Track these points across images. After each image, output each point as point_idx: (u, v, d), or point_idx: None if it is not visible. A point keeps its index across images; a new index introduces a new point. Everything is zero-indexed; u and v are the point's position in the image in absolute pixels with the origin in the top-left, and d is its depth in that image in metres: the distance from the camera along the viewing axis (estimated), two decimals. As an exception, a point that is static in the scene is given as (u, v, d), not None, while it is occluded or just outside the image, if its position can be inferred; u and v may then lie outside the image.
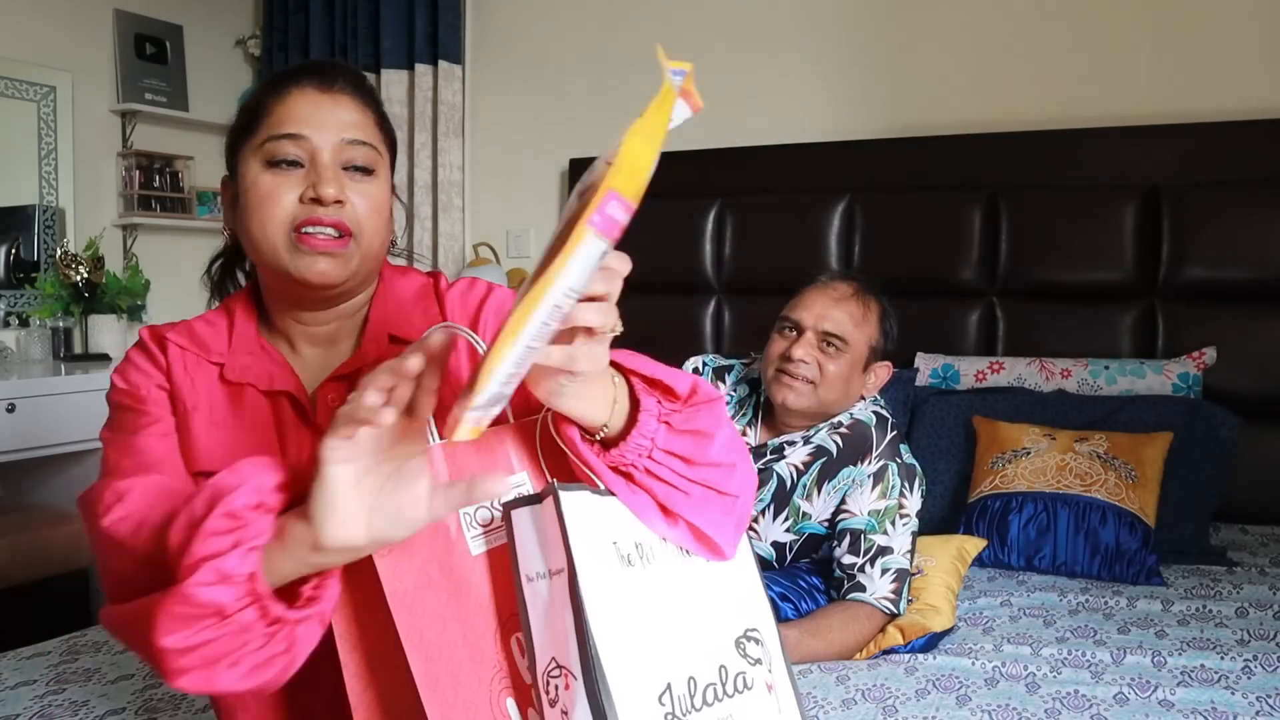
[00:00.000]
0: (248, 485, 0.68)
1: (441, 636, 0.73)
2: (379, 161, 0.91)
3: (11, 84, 2.90)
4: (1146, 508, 1.87)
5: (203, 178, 3.46)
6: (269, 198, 0.86)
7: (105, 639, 1.53)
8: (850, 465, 1.61)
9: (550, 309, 0.61)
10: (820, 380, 1.61)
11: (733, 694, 0.74)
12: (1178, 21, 2.42)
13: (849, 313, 1.63)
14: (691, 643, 0.74)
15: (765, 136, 2.82)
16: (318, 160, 0.87)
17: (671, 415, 0.76)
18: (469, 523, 0.77)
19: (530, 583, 0.72)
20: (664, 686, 0.70)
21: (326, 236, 0.86)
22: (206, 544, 0.67)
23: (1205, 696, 1.29)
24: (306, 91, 0.89)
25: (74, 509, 2.99)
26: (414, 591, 0.73)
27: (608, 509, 0.74)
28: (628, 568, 0.72)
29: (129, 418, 0.91)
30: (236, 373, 0.91)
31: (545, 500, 0.71)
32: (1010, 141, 2.48)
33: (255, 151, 0.88)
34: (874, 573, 1.52)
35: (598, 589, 0.69)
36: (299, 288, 0.88)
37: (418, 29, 3.17)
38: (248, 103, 0.93)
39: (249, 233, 0.88)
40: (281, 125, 0.87)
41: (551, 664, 0.69)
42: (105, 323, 3.04)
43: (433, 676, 0.72)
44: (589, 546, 0.70)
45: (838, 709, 1.27)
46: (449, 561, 0.75)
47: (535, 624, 0.71)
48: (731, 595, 0.80)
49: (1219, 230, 2.23)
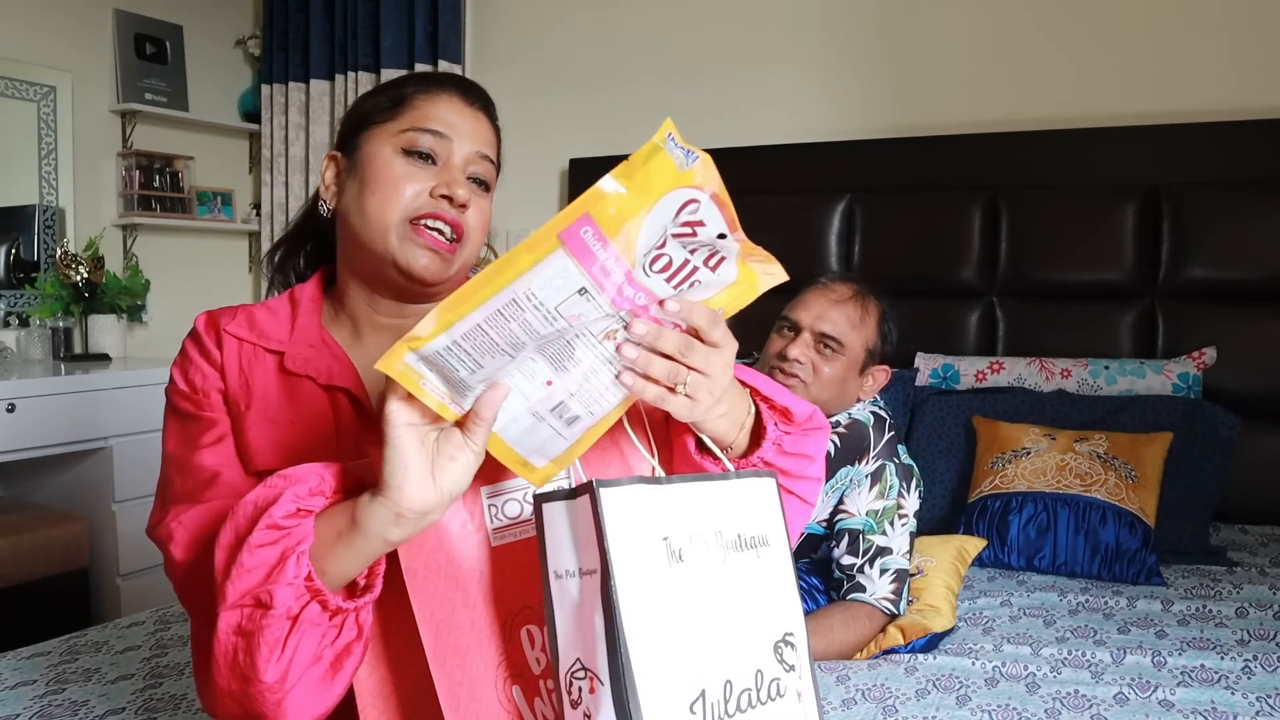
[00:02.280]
0: (285, 495, 0.72)
1: (450, 619, 0.74)
2: (494, 181, 0.98)
3: (11, 84, 2.90)
4: (1146, 508, 1.87)
5: (203, 177, 3.47)
6: (400, 181, 0.90)
7: (105, 639, 1.53)
8: (848, 465, 1.61)
9: (507, 302, 0.62)
10: (814, 381, 1.60)
11: (765, 701, 0.71)
12: (1178, 21, 2.42)
13: (847, 315, 1.63)
14: (732, 645, 0.71)
15: (765, 136, 2.82)
16: (452, 162, 0.92)
17: (784, 438, 0.84)
18: (494, 515, 0.78)
19: (559, 579, 0.70)
20: (698, 694, 0.67)
21: (440, 236, 0.90)
22: (255, 556, 0.71)
23: (1205, 696, 1.29)
24: (454, 98, 0.94)
25: (74, 508, 2.98)
26: (424, 572, 0.74)
27: (664, 500, 0.71)
28: (676, 564, 0.69)
29: (189, 426, 0.91)
30: (297, 364, 0.92)
31: (581, 497, 0.68)
32: (1010, 141, 2.48)
33: (392, 136, 0.92)
34: (873, 573, 1.52)
35: (636, 592, 0.66)
36: (396, 274, 0.90)
37: (418, 29, 3.17)
38: (388, 89, 0.96)
39: (364, 209, 0.90)
40: (427, 120, 0.92)
41: (576, 664, 0.68)
42: (105, 323, 3.05)
43: (442, 654, 0.73)
44: (633, 545, 0.67)
45: (838, 709, 1.27)
46: (459, 551, 0.76)
47: (561, 622, 0.69)
48: (774, 595, 0.76)
49: (1219, 230, 2.23)
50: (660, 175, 0.64)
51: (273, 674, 0.71)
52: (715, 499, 0.74)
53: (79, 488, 2.70)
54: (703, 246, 0.68)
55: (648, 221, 0.64)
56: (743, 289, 0.72)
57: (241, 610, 0.71)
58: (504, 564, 0.77)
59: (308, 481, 0.73)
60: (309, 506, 0.72)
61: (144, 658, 1.46)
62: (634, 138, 3.01)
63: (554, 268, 0.62)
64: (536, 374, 0.67)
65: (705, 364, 0.71)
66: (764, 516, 0.78)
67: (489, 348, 0.64)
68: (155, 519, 0.87)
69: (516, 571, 0.77)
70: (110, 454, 2.60)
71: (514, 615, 0.76)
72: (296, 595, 0.70)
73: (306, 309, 0.96)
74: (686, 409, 0.72)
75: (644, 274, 0.66)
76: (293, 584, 0.70)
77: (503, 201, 3.54)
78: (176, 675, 1.39)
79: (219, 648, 0.72)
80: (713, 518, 0.73)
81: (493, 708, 0.74)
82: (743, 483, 0.77)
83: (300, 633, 0.71)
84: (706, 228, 0.67)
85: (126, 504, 2.64)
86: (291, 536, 0.71)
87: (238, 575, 0.71)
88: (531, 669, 0.75)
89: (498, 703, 0.74)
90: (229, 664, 0.72)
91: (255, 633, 0.71)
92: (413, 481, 0.68)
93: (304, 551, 0.71)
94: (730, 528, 0.74)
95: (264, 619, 0.70)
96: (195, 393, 0.91)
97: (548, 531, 0.70)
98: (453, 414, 0.68)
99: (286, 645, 0.71)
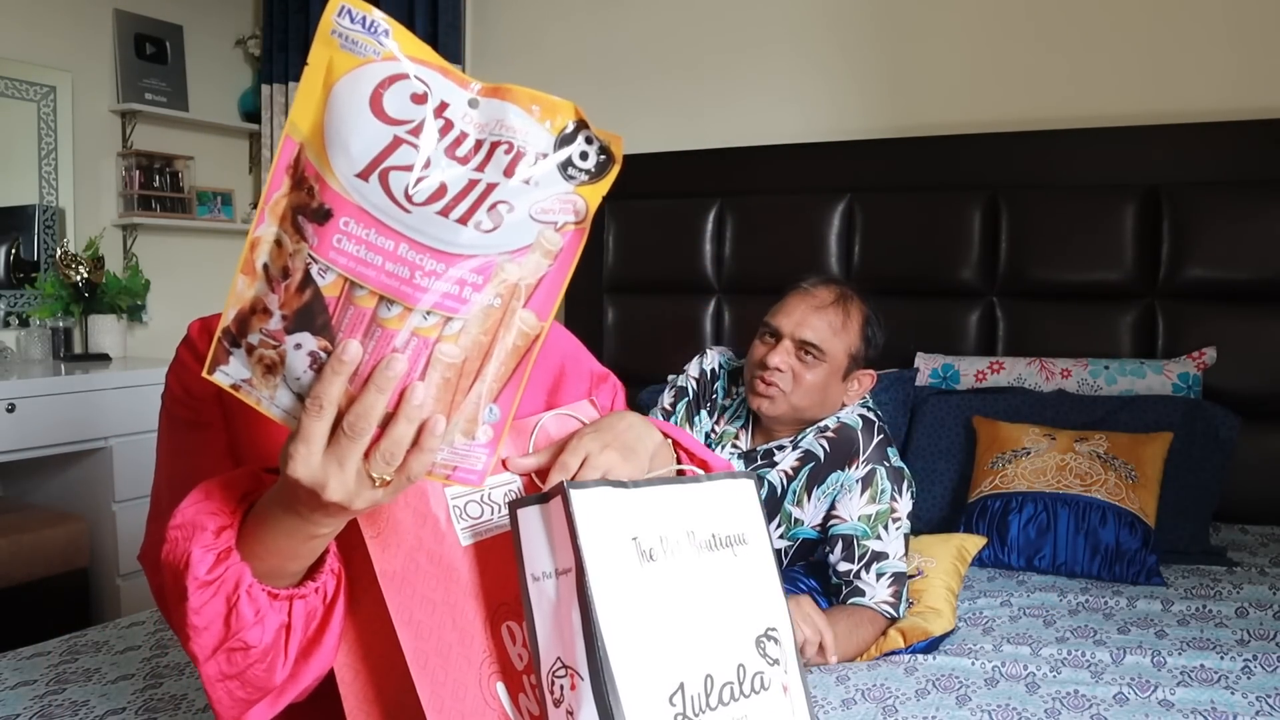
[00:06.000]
0: (194, 553, 0.68)
1: (431, 619, 0.74)
2: None
3: (11, 84, 2.90)
4: (1146, 508, 1.87)
5: (203, 177, 3.46)
6: None
7: (105, 639, 1.53)
8: (838, 470, 1.60)
9: None
10: (795, 388, 1.60)
11: (749, 694, 0.73)
12: (1178, 21, 2.42)
13: (828, 321, 1.61)
14: (710, 640, 0.73)
15: (765, 136, 2.82)
16: None
17: None
18: (458, 515, 0.79)
19: (536, 582, 0.71)
20: (676, 686, 0.69)
21: None
22: (203, 616, 0.69)
23: (1205, 696, 1.29)
24: None
25: (74, 509, 2.97)
26: (402, 574, 0.74)
27: (632, 503, 0.73)
28: (647, 563, 0.71)
29: (183, 436, 0.90)
30: None
31: (554, 499, 0.70)
32: (1010, 141, 2.48)
33: None
34: (870, 578, 1.52)
35: (610, 588, 0.68)
36: None
37: (418, 29, 3.17)
38: None
39: None
40: None
41: (557, 664, 0.69)
42: (105, 323, 3.05)
43: (422, 655, 0.73)
44: (604, 544, 0.69)
45: (838, 709, 1.27)
46: (437, 550, 0.76)
47: (540, 624, 0.71)
48: (754, 592, 0.79)
49: (1219, 230, 2.23)
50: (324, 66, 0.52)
51: (281, 676, 0.72)
52: (687, 501, 0.78)
53: (79, 488, 2.70)
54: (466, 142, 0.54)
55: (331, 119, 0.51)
56: (587, 192, 0.56)
57: (217, 660, 0.71)
58: (479, 562, 0.78)
59: (206, 525, 0.69)
60: (225, 546, 0.69)
61: (144, 658, 1.46)
62: (634, 137, 3.02)
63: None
64: None
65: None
66: (741, 516, 0.81)
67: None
68: (143, 545, 0.87)
69: (492, 569, 0.78)
70: (110, 454, 2.60)
71: (494, 612, 0.77)
72: (265, 627, 0.70)
73: None
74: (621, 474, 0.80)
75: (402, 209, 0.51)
76: (258, 621, 0.69)
77: (503, 201, 3.53)
78: (177, 675, 1.39)
79: (214, 692, 0.72)
80: (684, 519, 0.77)
81: (478, 706, 0.74)
82: (716, 485, 0.81)
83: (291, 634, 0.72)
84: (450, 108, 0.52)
85: (126, 504, 2.64)
86: (226, 582, 0.68)
87: (196, 636, 0.69)
88: (514, 665, 0.76)
89: (483, 701, 0.74)
90: (233, 700, 0.73)
91: (245, 670, 0.71)
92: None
93: (250, 586, 0.68)
94: (704, 528, 0.77)
95: (246, 659, 0.70)
96: (192, 398, 0.91)
97: (523, 535, 0.72)
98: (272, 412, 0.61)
99: (285, 651, 0.72)
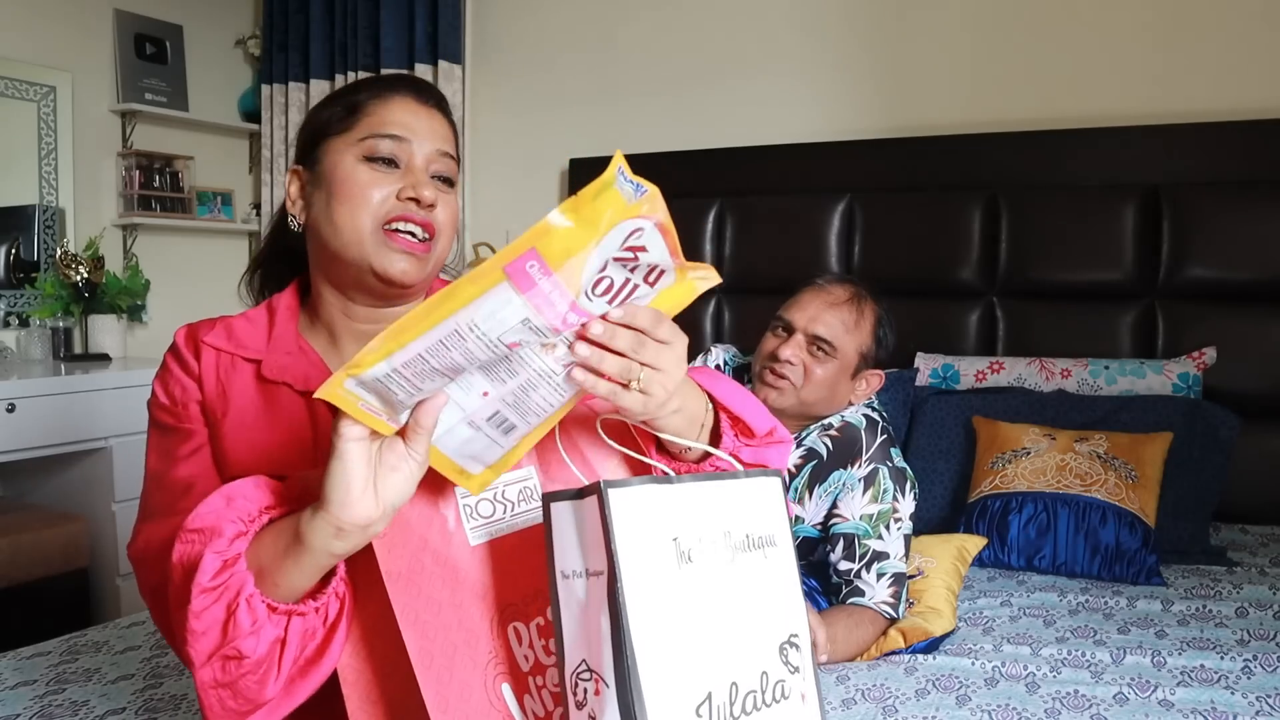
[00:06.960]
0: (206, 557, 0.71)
1: (437, 619, 0.74)
2: (457, 175, 0.97)
3: (11, 84, 2.90)
4: (1146, 508, 1.87)
5: (203, 177, 3.47)
6: (366, 189, 0.90)
7: (105, 639, 1.53)
8: (840, 469, 1.60)
9: (449, 333, 0.63)
10: (804, 383, 1.60)
11: (770, 703, 0.70)
12: (1178, 21, 2.42)
13: (842, 318, 1.62)
14: (738, 646, 0.70)
15: (765, 136, 2.82)
16: (414, 164, 0.92)
17: (743, 449, 0.85)
18: (469, 514, 0.78)
19: (565, 580, 0.69)
20: (704, 696, 0.66)
21: (413, 239, 0.90)
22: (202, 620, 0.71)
23: (1205, 696, 1.29)
24: (407, 100, 0.94)
25: (73, 509, 2.98)
26: (408, 575, 0.74)
27: (674, 500, 0.70)
28: (685, 565, 0.68)
29: (168, 439, 0.92)
30: (274, 371, 0.93)
31: (589, 498, 0.67)
32: (1010, 141, 2.48)
33: (351, 146, 0.92)
34: (871, 578, 1.52)
35: (644, 594, 0.65)
36: (374, 280, 0.91)
37: (418, 29, 3.17)
38: (341, 98, 0.96)
39: (335, 220, 0.90)
40: (384, 125, 0.92)
41: (581, 665, 0.67)
42: (105, 323, 3.05)
43: (427, 655, 0.73)
44: (643, 544, 0.66)
45: (838, 709, 1.27)
46: (444, 550, 0.76)
47: (567, 623, 0.68)
48: (779, 596, 0.75)
49: (1219, 230, 2.23)
50: (608, 209, 0.64)
51: (273, 690, 0.72)
52: (723, 499, 0.73)
53: (79, 488, 2.70)
54: (641, 267, 0.69)
55: (594, 254, 0.65)
56: (679, 291, 0.73)
57: (211, 666, 0.72)
58: (487, 562, 0.78)
59: (223, 532, 0.72)
60: (234, 554, 0.72)
61: (144, 658, 1.46)
62: (634, 138, 3.02)
63: (497, 299, 0.63)
64: (473, 386, 0.68)
65: (657, 359, 0.71)
66: (770, 516, 0.77)
67: (428, 374, 0.65)
68: (131, 539, 0.88)
69: (500, 569, 0.77)
70: (110, 454, 2.61)
71: (501, 613, 0.77)
72: (260, 639, 0.71)
73: (283, 317, 0.97)
74: (639, 404, 0.72)
75: (587, 299, 0.67)
76: (254, 631, 0.70)
77: (503, 201, 3.55)
78: (177, 675, 1.39)
79: (206, 699, 0.73)
80: (721, 518, 0.72)
81: (483, 707, 0.74)
82: (750, 482, 0.76)
83: (285, 649, 0.72)
84: (648, 253, 0.68)
85: (126, 504, 2.63)
86: (229, 589, 0.70)
87: (195, 640, 0.71)
88: (520, 666, 0.75)
89: (488, 702, 0.74)
90: (224, 709, 0.73)
91: (237, 679, 0.72)
92: (355, 495, 0.67)
93: (250, 595, 0.70)
94: (739, 528, 0.73)
95: (239, 668, 0.71)
96: (175, 405, 0.92)
97: (555, 531, 0.70)
98: (389, 428, 0.68)
99: (279, 666, 0.72)
